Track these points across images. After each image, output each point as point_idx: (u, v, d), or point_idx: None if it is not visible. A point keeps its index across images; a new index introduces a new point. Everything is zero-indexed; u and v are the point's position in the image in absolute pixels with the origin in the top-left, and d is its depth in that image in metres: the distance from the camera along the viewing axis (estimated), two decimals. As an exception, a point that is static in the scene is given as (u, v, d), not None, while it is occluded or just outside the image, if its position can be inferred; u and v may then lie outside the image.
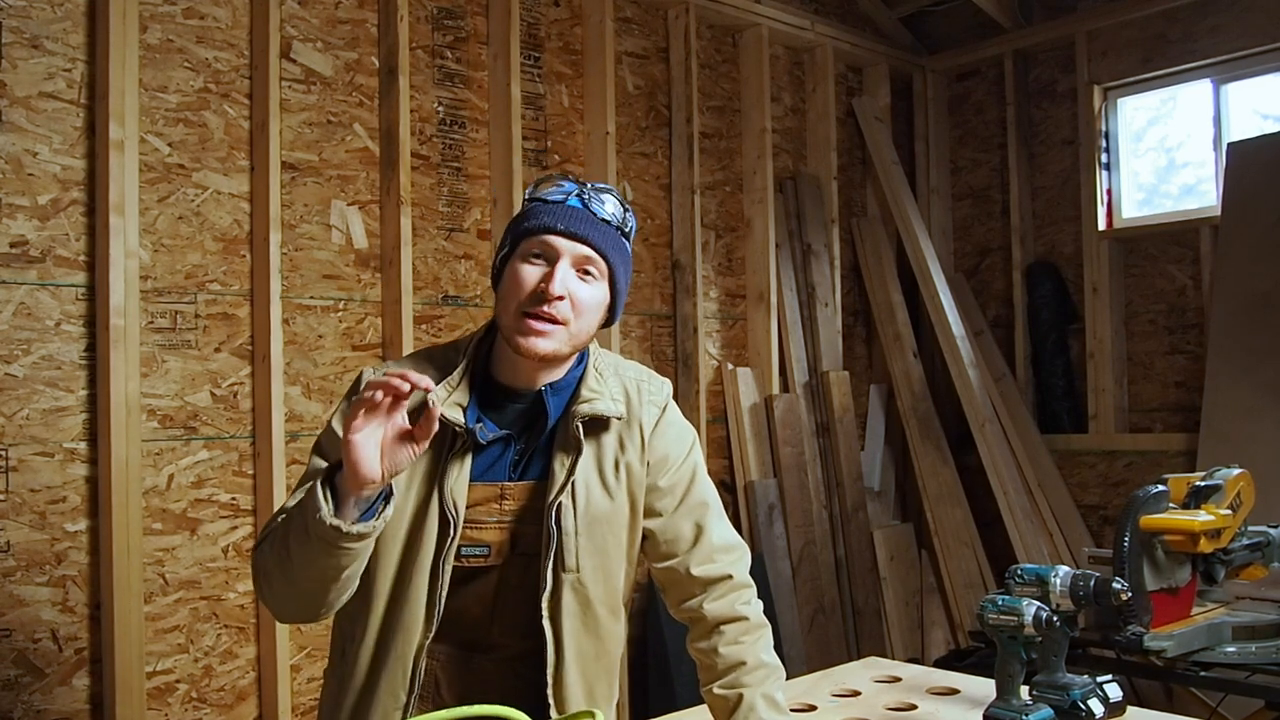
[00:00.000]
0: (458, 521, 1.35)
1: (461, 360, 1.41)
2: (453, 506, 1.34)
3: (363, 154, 2.94)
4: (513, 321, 1.35)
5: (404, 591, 1.35)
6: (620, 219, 1.41)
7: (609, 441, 1.43)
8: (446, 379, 1.38)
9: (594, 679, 1.43)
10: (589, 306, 1.37)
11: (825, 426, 4.04)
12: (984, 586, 3.99)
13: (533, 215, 1.38)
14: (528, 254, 1.36)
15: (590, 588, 1.40)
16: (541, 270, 1.35)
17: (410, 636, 1.35)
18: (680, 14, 3.73)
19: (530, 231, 1.36)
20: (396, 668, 1.36)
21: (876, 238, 4.44)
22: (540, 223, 1.36)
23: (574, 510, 1.39)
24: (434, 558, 1.35)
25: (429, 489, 1.36)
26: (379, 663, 1.37)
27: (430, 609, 1.35)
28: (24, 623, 2.30)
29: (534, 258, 1.36)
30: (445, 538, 1.35)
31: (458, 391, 1.37)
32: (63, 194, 2.40)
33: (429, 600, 1.35)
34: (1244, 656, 2.05)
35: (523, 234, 1.37)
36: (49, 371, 2.37)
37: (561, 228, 1.35)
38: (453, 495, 1.35)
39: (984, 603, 1.58)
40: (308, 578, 1.28)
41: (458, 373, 1.39)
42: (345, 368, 2.87)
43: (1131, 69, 4.13)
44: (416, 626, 1.35)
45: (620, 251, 1.41)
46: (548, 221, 1.35)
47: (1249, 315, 3.66)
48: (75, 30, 2.43)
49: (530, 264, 1.36)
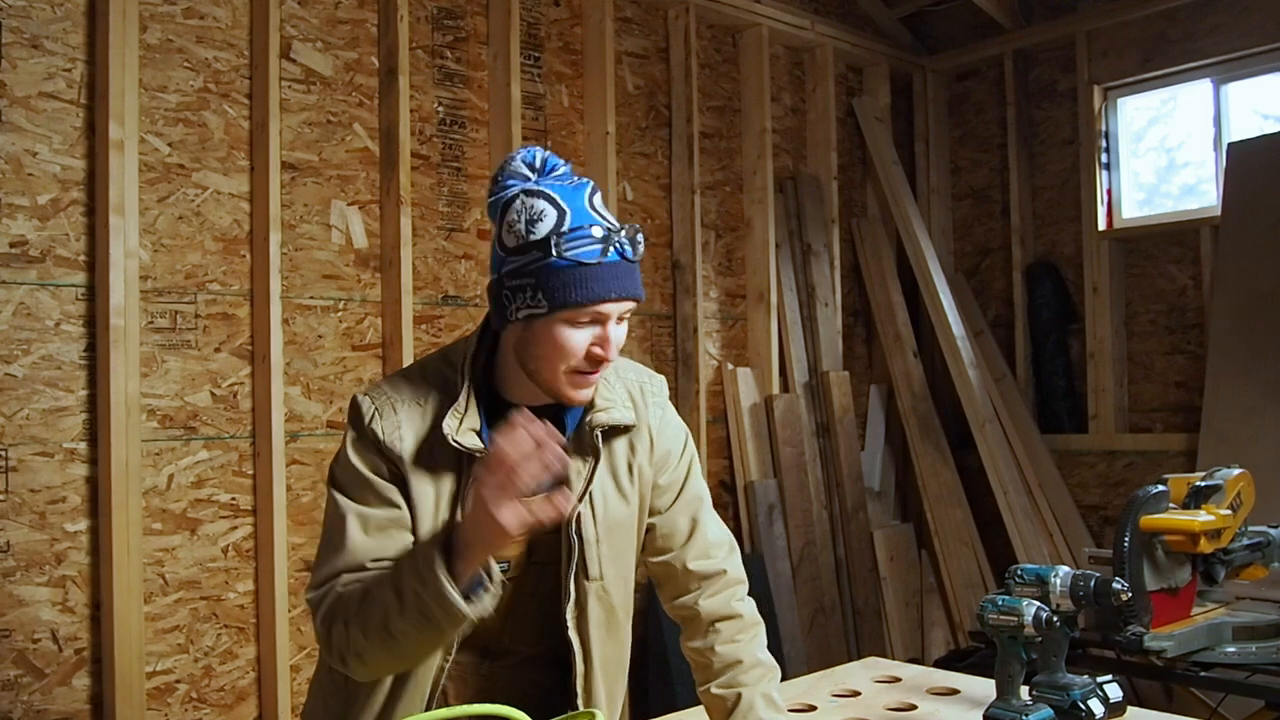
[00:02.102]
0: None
1: (462, 381, 1.35)
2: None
3: (363, 154, 2.93)
4: (556, 378, 1.30)
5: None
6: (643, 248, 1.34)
7: (621, 447, 1.42)
8: (453, 406, 1.32)
9: (614, 683, 1.44)
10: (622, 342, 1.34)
11: (825, 426, 4.04)
12: (984, 587, 3.99)
13: (578, 283, 1.25)
14: (574, 320, 1.27)
15: (613, 594, 1.40)
16: (591, 333, 1.28)
17: (431, 660, 1.34)
18: (680, 14, 3.73)
19: (581, 303, 1.26)
20: (415, 691, 1.34)
21: (876, 238, 4.44)
22: (592, 294, 1.26)
23: (594, 518, 1.38)
24: None
25: (452, 513, 1.33)
26: (398, 686, 1.34)
27: None
28: (24, 623, 2.30)
29: (581, 321, 1.28)
30: None
31: (468, 416, 1.32)
32: (63, 194, 2.40)
33: None
34: (1244, 656, 2.05)
35: (570, 303, 1.26)
36: (49, 371, 2.37)
37: (615, 296, 1.27)
38: None
39: (984, 603, 1.58)
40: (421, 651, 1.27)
41: (464, 397, 1.33)
42: (345, 368, 2.87)
43: (1131, 69, 4.13)
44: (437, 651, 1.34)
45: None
46: (601, 292, 1.26)
47: (1249, 315, 3.66)
48: (75, 30, 2.43)
49: (578, 328, 1.28)
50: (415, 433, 1.33)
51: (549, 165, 1.36)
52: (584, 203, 1.30)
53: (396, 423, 1.33)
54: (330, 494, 1.35)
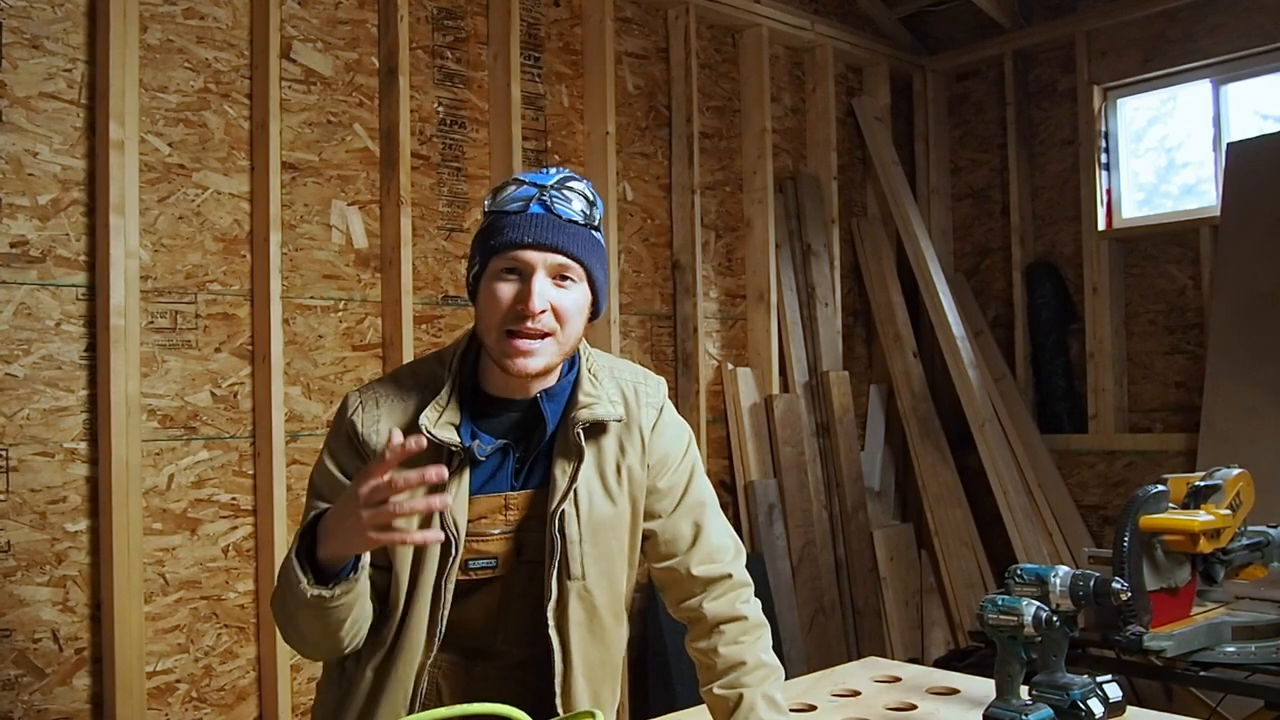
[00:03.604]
0: (459, 541, 1.33)
1: (447, 376, 1.37)
2: (454, 526, 1.32)
3: (363, 154, 2.94)
4: (497, 343, 1.31)
5: (406, 613, 1.34)
6: (587, 214, 1.34)
7: (609, 446, 1.42)
8: (435, 399, 1.34)
9: (600, 685, 1.43)
10: (572, 312, 1.33)
11: (825, 426, 4.04)
12: (984, 586, 3.99)
13: (496, 230, 1.31)
14: (499, 271, 1.31)
15: (596, 594, 1.40)
16: (516, 287, 1.30)
17: (412, 657, 1.34)
18: (680, 14, 3.73)
19: (497, 249, 1.30)
20: (398, 689, 1.35)
21: (876, 238, 4.44)
22: (506, 239, 1.29)
23: (577, 517, 1.37)
24: (436, 578, 1.34)
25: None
26: (380, 682, 1.36)
27: (432, 629, 1.34)
28: (24, 623, 2.30)
29: (507, 274, 1.30)
30: (447, 558, 1.33)
31: (448, 410, 1.33)
32: (63, 194, 2.40)
33: (431, 620, 1.34)
34: (1244, 656, 2.05)
35: (490, 251, 1.31)
36: (49, 371, 2.37)
37: (530, 240, 1.29)
38: (453, 515, 1.32)
39: (984, 603, 1.58)
40: (315, 631, 1.29)
41: (445, 391, 1.35)
42: (345, 368, 2.87)
43: (1131, 69, 4.13)
44: (418, 647, 1.34)
45: (593, 249, 1.35)
46: (513, 236, 1.29)
47: (1249, 315, 3.67)
48: (75, 30, 2.43)
49: (504, 281, 1.30)
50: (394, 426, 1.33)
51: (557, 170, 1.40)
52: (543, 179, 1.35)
53: (376, 416, 1.37)
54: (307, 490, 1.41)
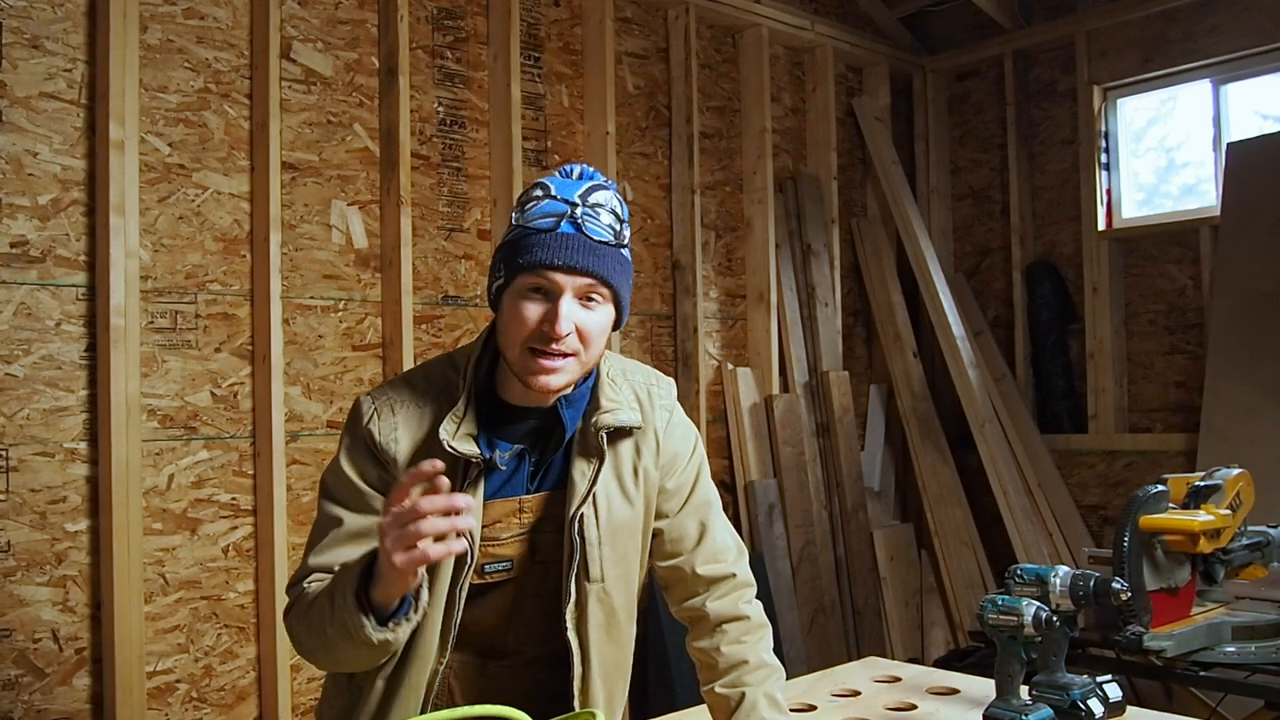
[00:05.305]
0: (474, 549, 1.31)
1: (462, 384, 1.34)
2: (469, 534, 1.30)
3: (363, 154, 2.94)
4: (520, 359, 1.28)
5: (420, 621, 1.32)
6: (617, 232, 1.30)
7: (626, 449, 1.41)
8: (452, 410, 1.31)
9: (614, 685, 1.44)
10: (596, 333, 1.30)
11: (825, 426, 4.04)
12: (984, 586, 3.99)
13: (525, 248, 1.26)
14: (526, 290, 1.27)
15: (614, 597, 1.40)
16: (543, 307, 1.26)
17: (424, 664, 1.34)
18: (680, 14, 3.73)
19: (526, 268, 1.26)
20: (410, 695, 1.34)
21: (876, 238, 4.44)
22: (536, 258, 1.25)
23: (596, 520, 1.37)
24: (450, 585, 1.33)
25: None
26: (392, 690, 1.35)
27: (445, 635, 1.34)
28: (24, 623, 2.30)
29: (533, 293, 1.27)
30: (462, 565, 1.32)
31: (465, 422, 1.31)
32: (63, 194, 2.40)
33: (444, 626, 1.33)
34: (1244, 656, 2.05)
35: (518, 269, 1.27)
36: (49, 371, 2.37)
37: (560, 263, 1.24)
38: None
39: (984, 603, 1.58)
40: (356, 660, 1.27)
41: (462, 401, 1.32)
42: (345, 368, 2.87)
43: (1131, 69, 4.13)
44: (431, 654, 1.33)
45: (622, 269, 1.31)
46: (543, 257, 1.24)
47: (1249, 315, 3.67)
48: (75, 30, 2.43)
49: (530, 300, 1.27)
50: (412, 436, 1.33)
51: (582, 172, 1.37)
52: (572, 190, 1.31)
53: (393, 424, 1.34)
54: (320, 495, 1.37)
